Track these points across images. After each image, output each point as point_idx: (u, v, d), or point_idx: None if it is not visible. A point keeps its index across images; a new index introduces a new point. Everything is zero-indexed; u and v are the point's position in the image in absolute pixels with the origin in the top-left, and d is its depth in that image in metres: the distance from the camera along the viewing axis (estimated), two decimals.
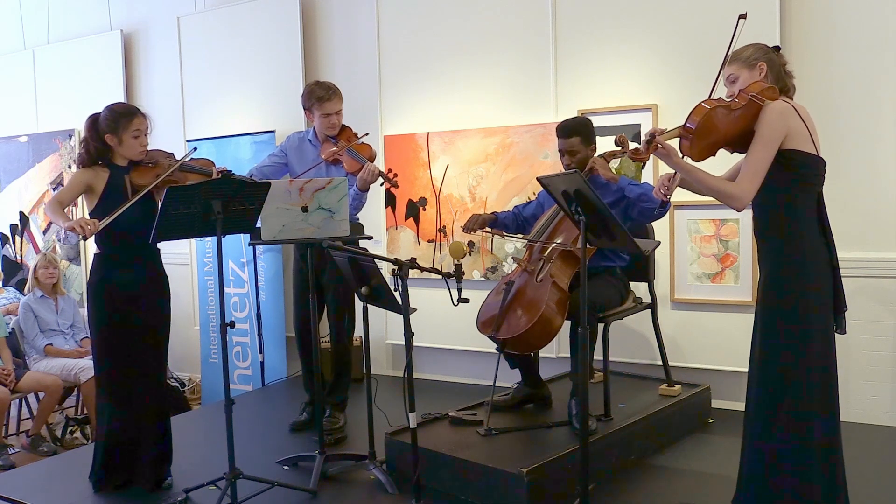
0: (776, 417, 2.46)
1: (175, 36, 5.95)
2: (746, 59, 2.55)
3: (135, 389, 3.30)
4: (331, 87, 3.93)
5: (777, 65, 2.59)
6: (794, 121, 2.43)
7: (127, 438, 3.32)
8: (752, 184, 2.43)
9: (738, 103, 2.46)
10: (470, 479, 3.11)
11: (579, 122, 3.67)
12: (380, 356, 5.23)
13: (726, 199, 2.48)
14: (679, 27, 4.19)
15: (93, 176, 3.26)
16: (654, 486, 3.25)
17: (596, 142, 3.66)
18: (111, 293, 3.27)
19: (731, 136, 2.50)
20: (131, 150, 3.28)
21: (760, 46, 2.58)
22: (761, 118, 2.44)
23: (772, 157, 2.42)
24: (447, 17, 4.87)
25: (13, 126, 6.98)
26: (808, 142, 2.44)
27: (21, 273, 6.74)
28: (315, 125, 4.00)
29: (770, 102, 2.45)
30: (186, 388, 5.87)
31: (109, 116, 3.26)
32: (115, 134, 3.25)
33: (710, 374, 4.16)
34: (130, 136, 3.25)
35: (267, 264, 5.38)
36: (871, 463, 3.37)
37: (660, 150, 2.47)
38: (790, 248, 2.47)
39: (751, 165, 2.44)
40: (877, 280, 3.87)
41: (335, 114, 3.92)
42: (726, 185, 2.49)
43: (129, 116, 3.27)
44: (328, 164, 3.92)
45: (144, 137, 3.31)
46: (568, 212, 2.81)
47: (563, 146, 3.61)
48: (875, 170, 3.86)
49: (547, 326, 3.32)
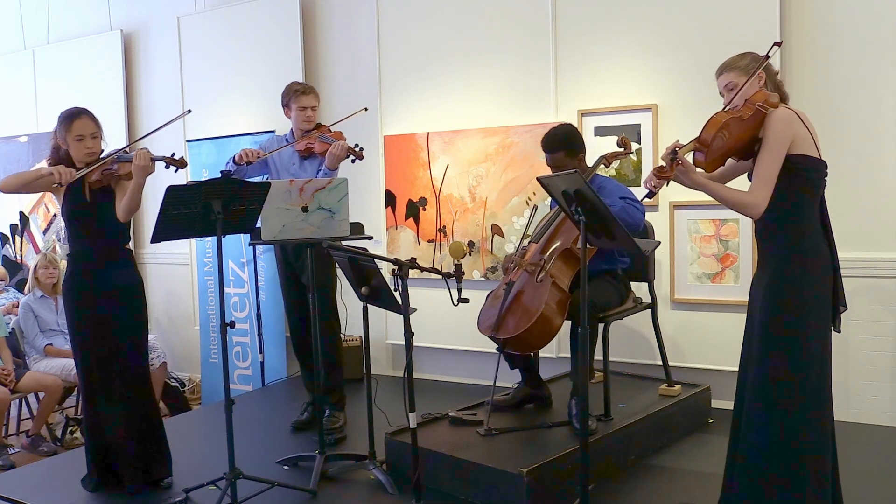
0: (771, 416, 2.48)
1: (175, 36, 5.95)
2: (745, 68, 2.57)
3: (116, 389, 3.30)
4: (308, 85, 4.18)
5: (772, 73, 2.63)
6: (798, 127, 2.47)
7: (111, 439, 3.32)
8: (765, 191, 2.46)
9: (747, 113, 2.49)
10: (470, 479, 3.11)
11: (561, 135, 3.60)
12: (380, 356, 5.23)
13: (742, 209, 2.51)
14: (679, 27, 4.19)
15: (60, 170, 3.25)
16: (654, 486, 3.25)
17: (584, 148, 3.63)
18: (82, 293, 3.29)
19: (739, 146, 2.54)
20: (77, 153, 3.26)
21: (756, 56, 2.60)
22: (767, 126, 2.47)
23: (780, 163, 2.46)
24: (447, 17, 4.87)
25: (13, 126, 6.97)
26: (811, 146, 2.48)
27: (21, 273, 6.74)
28: (292, 121, 4.12)
29: (774, 110, 2.48)
30: (186, 388, 5.86)
31: (58, 122, 3.29)
32: (63, 138, 3.27)
33: (710, 374, 4.16)
34: (73, 139, 3.24)
35: (267, 264, 5.38)
36: (871, 463, 3.37)
37: (679, 166, 2.50)
38: (793, 250, 2.49)
39: (762, 173, 2.47)
40: (877, 280, 3.87)
41: (311, 108, 4.07)
42: (742, 195, 2.51)
43: (70, 120, 3.26)
44: (301, 157, 4.06)
45: (90, 140, 3.26)
46: (568, 212, 2.81)
47: (549, 161, 3.60)
48: (875, 170, 3.86)
49: (547, 326, 3.32)
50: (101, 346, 3.29)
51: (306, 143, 4.01)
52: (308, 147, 4.00)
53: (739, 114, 2.50)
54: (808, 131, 2.48)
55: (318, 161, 3.99)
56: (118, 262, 3.36)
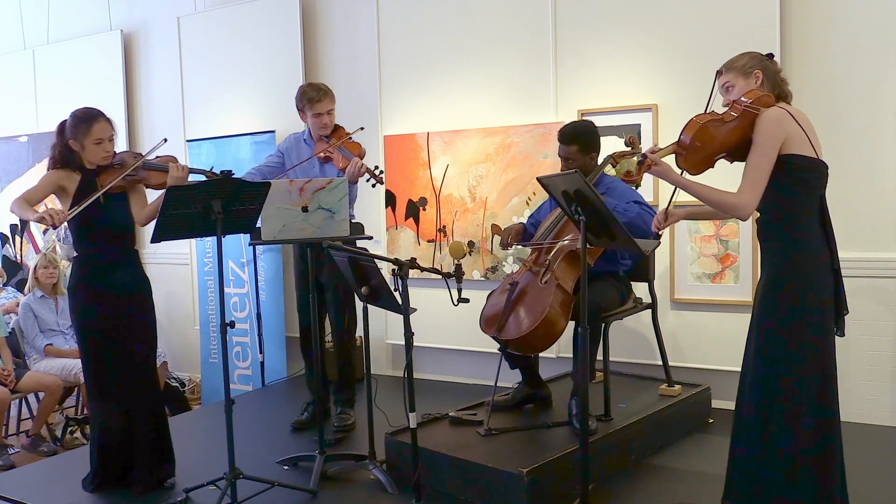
0: (772, 419, 2.46)
1: (175, 36, 5.95)
2: (742, 68, 2.56)
3: (124, 391, 3.30)
4: (321, 88, 4.00)
5: (772, 72, 2.59)
6: (790, 126, 2.44)
7: (121, 440, 3.32)
8: (752, 192, 2.44)
9: (732, 115, 2.48)
10: (470, 479, 3.11)
11: (582, 129, 3.63)
12: (380, 356, 5.23)
13: (729, 210, 2.50)
14: (679, 27, 4.18)
15: (64, 176, 3.26)
16: (654, 486, 3.25)
17: (599, 150, 3.64)
18: (91, 296, 3.28)
19: (728, 147, 2.51)
20: (94, 157, 3.26)
21: (755, 55, 2.59)
22: (757, 126, 2.45)
23: (771, 164, 2.43)
24: (447, 17, 4.87)
25: (13, 126, 6.97)
26: (806, 146, 2.45)
27: (21, 273, 6.74)
28: (309, 125, 4.08)
29: (765, 110, 2.45)
30: (186, 388, 5.87)
31: (72, 122, 3.27)
32: (76, 140, 3.24)
33: (710, 374, 4.15)
34: (91, 142, 3.24)
35: (267, 264, 5.38)
36: (871, 463, 3.37)
37: (654, 168, 2.50)
38: (792, 251, 2.47)
39: (750, 174, 2.45)
40: (877, 280, 3.87)
41: (326, 114, 4.00)
42: (726, 195, 2.49)
43: (89, 123, 3.25)
44: (321, 161, 4.02)
45: (108, 143, 3.27)
46: (568, 212, 2.81)
47: (562, 152, 3.61)
48: (875, 170, 3.86)
49: (550, 329, 3.32)
50: (111, 348, 3.28)
51: (325, 152, 3.97)
52: (327, 157, 3.98)
53: (722, 115, 2.48)
54: (803, 131, 2.44)
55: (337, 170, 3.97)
56: (127, 263, 3.36)
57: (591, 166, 3.60)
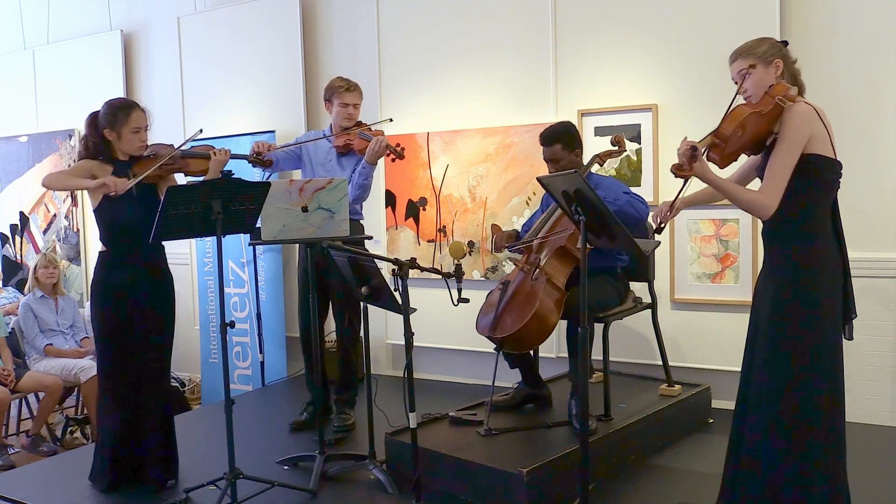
0: (779, 421, 2.43)
1: (175, 36, 5.95)
2: (763, 55, 2.44)
3: (137, 390, 3.29)
4: (353, 82, 4.11)
5: (790, 61, 2.50)
6: (816, 124, 2.36)
7: (130, 439, 3.31)
8: (777, 191, 2.35)
9: (766, 107, 2.38)
10: (470, 479, 3.11)
11: (559, 128, 3.63)
12: (380, 356, 5.23)
13: (754, 208, 2.41)
14: (679, 27, 4.18)
15: (97, 166, 3.23)
16: (654, 486, 3.25)
17: (582, 146, 3.65)
18: (114, 293, 3.26)
19: (754, 141, 2.44)
20: (130, 146, 3.26)
21: (773, 42, 2.49)
22: (785, 122, 2.36)
23: (795, 162, 2.35)
24: (447, 17, 4.87)
25: (13, 126, 6.98)
26: (827, 145, 2.38)
27: (21, 273, 6.74)
28: (332, 116, 4.10)
29: (792, 105, 2.37)
30: (186, 388, 5.87)
31: (108, 111, 3.25)
32: (113, 129, 3.23)
33: (710, 374, 4.15)
34: (129, 131, 3.24)
35: (267, 264, 5.38)
36: (871, 463, 3.37)
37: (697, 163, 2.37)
38: (806, 254, 2.42)
39: (776, 172, 2.35)
40: (877, 280, 3.87)
41: (353, 106, 4.05)
42: (755, 195, 2.40)
43: (127, 111, 3.24)
44: (339, 154, 4.04)
45: (144, 133, 3.28)
46: (568, 212, 2.81)
47: (546, 154, 3.62)
48: (875, 170, 3.86)
49: (541, 324, 3.32)
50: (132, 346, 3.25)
51: (345, 139, 4.00)
52: (347, 143, 4.00)
53: (759, 108, 2.38)
54: (826, 129, 2.37)
55: (356, 159, 3.99)
56: (155, 259, 3.34)
57: (578, 164, 3.60)
